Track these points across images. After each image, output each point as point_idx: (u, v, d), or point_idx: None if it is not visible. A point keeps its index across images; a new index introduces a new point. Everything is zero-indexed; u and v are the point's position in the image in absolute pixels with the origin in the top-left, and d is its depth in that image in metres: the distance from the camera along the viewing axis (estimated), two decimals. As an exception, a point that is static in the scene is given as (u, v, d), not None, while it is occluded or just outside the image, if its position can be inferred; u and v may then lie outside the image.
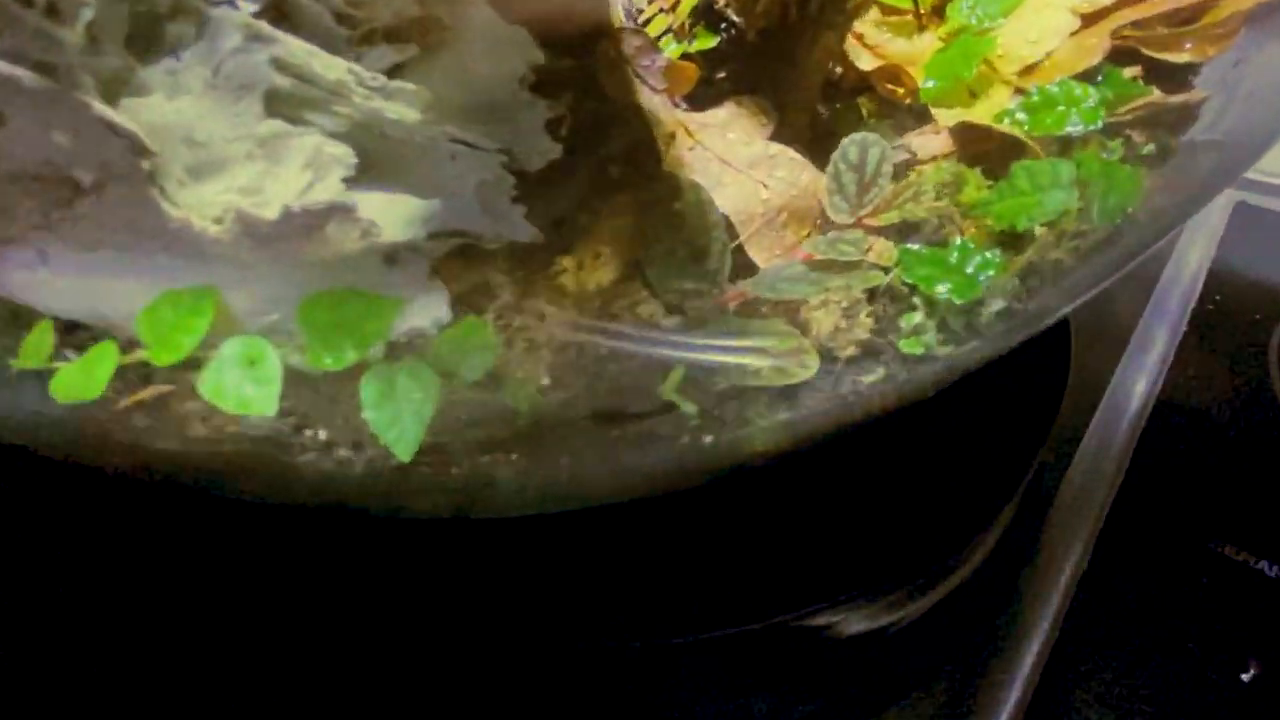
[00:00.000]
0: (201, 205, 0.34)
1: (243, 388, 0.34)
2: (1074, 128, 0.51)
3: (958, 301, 0.43)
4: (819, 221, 0.51)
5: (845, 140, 0.51)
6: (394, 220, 0.35)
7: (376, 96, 0.34)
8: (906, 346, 0.43)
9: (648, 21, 0.54)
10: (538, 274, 0.45)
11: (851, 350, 0.43)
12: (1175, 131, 0.54)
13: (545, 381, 0.41)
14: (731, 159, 0.51)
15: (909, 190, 0.48)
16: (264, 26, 0.34)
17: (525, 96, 0.38)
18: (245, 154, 0.33)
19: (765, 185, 0.51)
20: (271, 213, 0.33)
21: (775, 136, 0.55)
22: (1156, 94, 0.53)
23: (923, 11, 0.61)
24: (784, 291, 0.46)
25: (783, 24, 0.51)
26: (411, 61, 0.38)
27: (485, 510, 0.43)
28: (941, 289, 0.44)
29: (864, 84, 0.59)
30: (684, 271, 0.47)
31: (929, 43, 0.59)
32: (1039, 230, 0.47)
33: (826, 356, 0.43)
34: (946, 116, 0.56)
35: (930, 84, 0.56)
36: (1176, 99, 0.53)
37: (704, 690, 0.58)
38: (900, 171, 0.55)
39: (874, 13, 0.61)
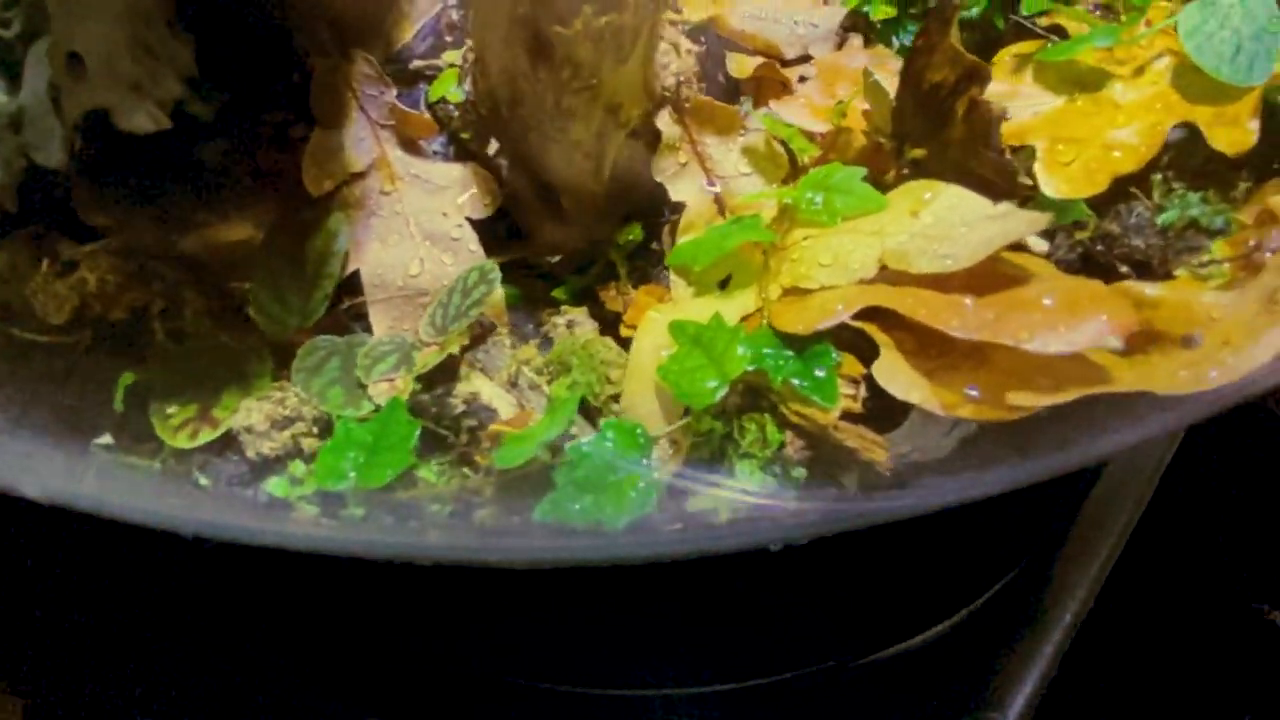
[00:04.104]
0: None
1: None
2: (695, 398, 0.40)
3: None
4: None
5: (475, 264, 0.46)
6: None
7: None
8: (274, 487, 0.42)
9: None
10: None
11: (252, 454, 0.43)
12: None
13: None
14: (416, 221, 0.49)
15: (441, 353, 0.43)
16: None
17: (47, 108, 0.42)
18: None
19: (423, 263, 0.48)
20: None
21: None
22: (834, 418, 0.39)
23: (805, 164, 0.48)
24: (302, 363, 0.45)
25: (494, 118, 0.45)
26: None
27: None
28: (349, 469, 0.41)
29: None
30: (280, 299, 0.48)
31: (768, 203, 0.47)
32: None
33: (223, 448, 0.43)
34: (677, 289, 0.46)
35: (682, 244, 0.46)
36: (854, 437, 0.39)
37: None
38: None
39: (760, 140, 0.49)
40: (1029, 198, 0.44)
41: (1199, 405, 0.32)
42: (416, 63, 0.50)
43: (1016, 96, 0.47)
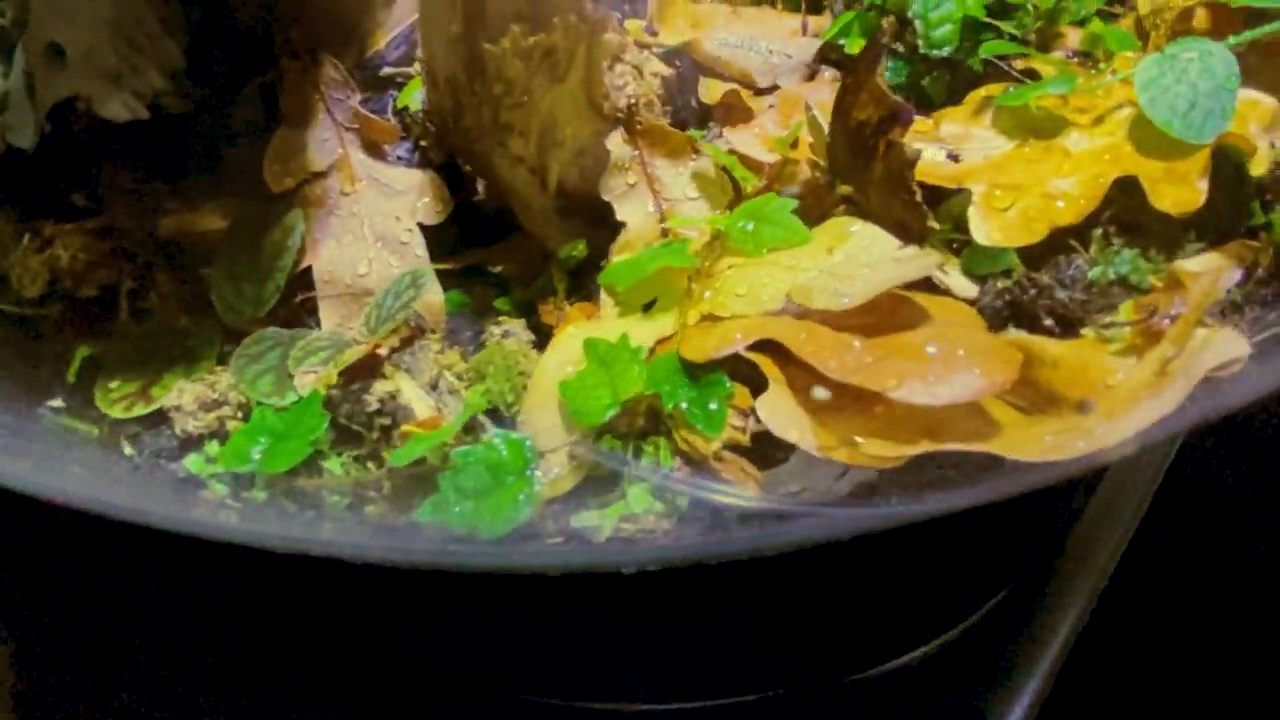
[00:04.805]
0: None
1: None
2: (586, 416, 0.40)
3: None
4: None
5: (409, 270, 0.47)
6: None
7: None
8: (192, 463, 0.44)
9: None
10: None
11: (179, 431, 0.45)
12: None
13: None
14: (370, 222, 0.50)
15: (347, 355, 0.44)
16: None
17: (23, 94, 0.45)
18: None
19: (371, 263, 0.50)
20: None
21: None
22: (716, 449, 0.39)
23: (749, 192, 0.48)
24: (245, 351, 0.47)
25: (445, 128, 0.47)
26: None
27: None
28: (254, 454, 0.43)
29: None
30: (237, 287, 0.50)
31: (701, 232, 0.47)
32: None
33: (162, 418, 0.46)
34: (606, 307, 0.46)
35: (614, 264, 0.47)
36: (734, 470, 0.39)
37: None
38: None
39: (711, 166, 0.49)
40: (967, 242, 0.43)
41: (1045, 472, 0.31)
42: (388, 69, 0.52)
43: (968, 139, 0.46)
